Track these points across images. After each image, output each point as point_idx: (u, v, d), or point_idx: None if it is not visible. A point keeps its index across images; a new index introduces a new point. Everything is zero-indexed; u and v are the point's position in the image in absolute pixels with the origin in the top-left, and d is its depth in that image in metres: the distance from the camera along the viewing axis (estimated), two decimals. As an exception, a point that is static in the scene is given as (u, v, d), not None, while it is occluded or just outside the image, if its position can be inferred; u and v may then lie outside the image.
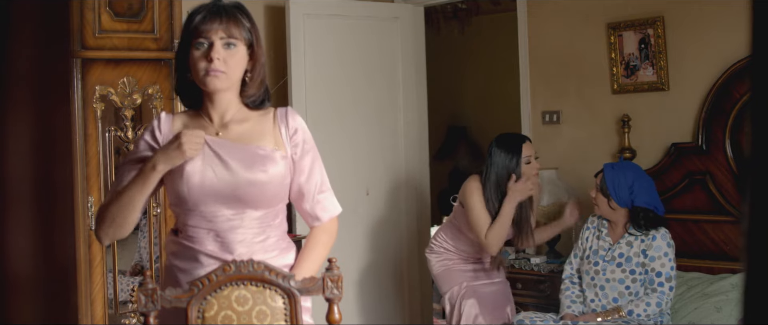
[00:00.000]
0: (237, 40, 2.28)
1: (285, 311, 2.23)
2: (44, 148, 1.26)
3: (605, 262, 3.83)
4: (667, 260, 3.71)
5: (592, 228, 3.98)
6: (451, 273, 4.19)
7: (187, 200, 2.27)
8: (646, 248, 3.74)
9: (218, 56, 2.24)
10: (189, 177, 2.26)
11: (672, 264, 3.72)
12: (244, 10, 2.34)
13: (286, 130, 2.38)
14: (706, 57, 4.25)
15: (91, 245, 3.52)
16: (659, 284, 3.69)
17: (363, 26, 5.22)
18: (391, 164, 5.34)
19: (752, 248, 0.77)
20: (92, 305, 3.52)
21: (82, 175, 3.49)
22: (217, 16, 2.26)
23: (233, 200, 2.27)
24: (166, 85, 3.71)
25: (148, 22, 3.67)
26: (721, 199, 4.17)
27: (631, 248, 3.78)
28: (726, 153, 4.15)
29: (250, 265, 2.19)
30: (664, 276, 3.69)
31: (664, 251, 3.72)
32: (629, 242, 3.80)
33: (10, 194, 1.22)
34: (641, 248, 3.76)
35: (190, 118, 2.40)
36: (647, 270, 3.72)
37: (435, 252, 4.27)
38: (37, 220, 1.24)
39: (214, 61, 2.24)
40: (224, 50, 2.26)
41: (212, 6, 2.29)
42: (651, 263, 3.72)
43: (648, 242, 3.74)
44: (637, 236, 3.79)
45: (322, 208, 2.44)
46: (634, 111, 4.52)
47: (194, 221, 2.30)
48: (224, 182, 2.27)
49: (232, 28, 2.27)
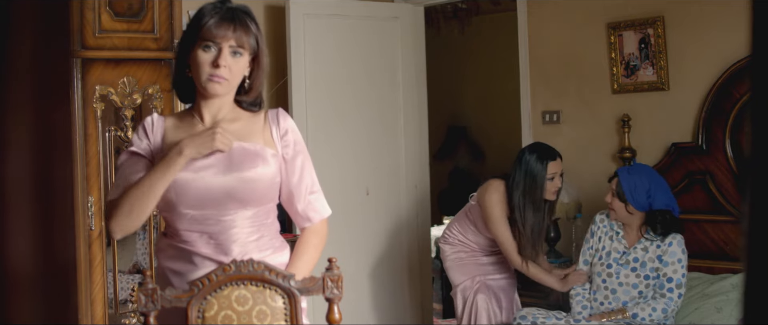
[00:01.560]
0: (244, 50, 2.29)
1: (285, 311, 2.23)
2: (44, 148, 1.26)
3: (619, 265, 3.81)
4: (680, 266, 3.70)
5: (604, 228, 3.94)
6: (464, 266, 4.21)
7: (177, 204, 2.27)
8: (662, 253, 3.73)
9: (225, 64, 2.25)
10: (176, 183, 2.25)
11: (684, 271, 3.71)
12: (253, 16, 2.34)
13: (277, 131, 2.38)
14: (706, 57, 4.25)
15: (91, 245, 3.52)
16: (669, 290, 3.68)
17: (363, 26, 5.22)
18: (392, 164, 5.34)
19: (752, 248, 0.77)
20: (92, 305, 3.51)
21: (82, 175, 3.49)
22: (231, 23, 2.26)
23: (225, 200, 2.27)
24: (166, 84, 3.71)
25: (148, 21, 3.67)
26: (722, 199, 4.17)
27: (647, 253, 3.76)
28: (726, 153, 4.15)
29: (250, 265, 2.19)
30: (675, 283, 3.68)
31: (678, 257, 3.70)
32: (645, 247, 3.78)
33: (11, 194, 1.23)
34: (657, 254, 3.74)
35: (180, 119, 2.41)
36: (659, 275, 3.71)
37: (449, 243, 4.28)
38: (37, 219, 1.24)
39: (220, 68, 2.24)
40: (231, 58, 2.27)
41: (225, 11, 2.29)
42: (664, 268, 3.70)
43: (664, 248, 3.73)
44: (653, 241, 3.76)
45: (313, 209, 2.44)
46: (634, 111, 4.52)
47: (186, 224, 2.29)
48: (215, 183, 2.27)
49: (242, 37, 2.27)
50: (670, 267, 3.69)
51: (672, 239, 3.72)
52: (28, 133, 1.21)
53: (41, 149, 1.25)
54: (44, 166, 1.26)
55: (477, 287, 4.13)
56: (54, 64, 1.28)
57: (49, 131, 1.27)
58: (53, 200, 1.33)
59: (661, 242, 3.74)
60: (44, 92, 1.23)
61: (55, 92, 1.29)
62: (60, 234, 1.29)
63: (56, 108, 1.29)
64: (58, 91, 1.31)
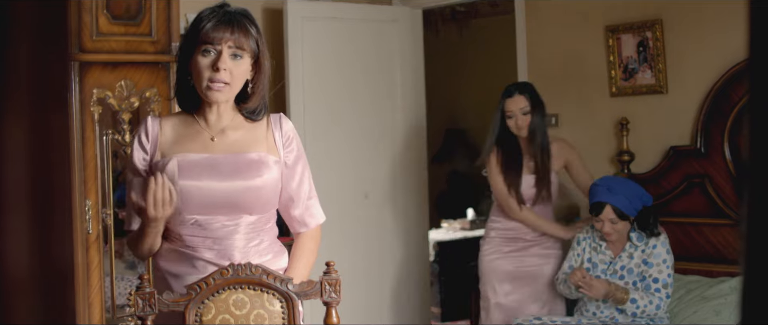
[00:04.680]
0: (244, 52, 2.26)
1: (283, 315, 2.23)
2: (42, 151, 1.26)
3: (607, 276, 3.81)
4: (665, 267, 3.70)
5: (586, 241, 3.95)
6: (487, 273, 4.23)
7: (181, 211, 2.26)
8: (647, 256, 3.73)
9: (225, 67, 2.22)
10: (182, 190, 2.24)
11: (669, 271, 3.71)
12: (252, 18, 2.32)
13: (280, 136, 2.38)
14: (705, 60, 4.25)
15: (88, 248, 3.52)
16: (656, 290, 3.68)
17: (361, 29, 5.22)
18: (390, 167, 5.33)
19: (751, 251, 0.77)
20: (89, 309, 3.51)
21: (79, 178, 3.48)
22: (229, 24, 2.24)
23: (230, 207, 2.27)
24: (163, 88, 3.70)
25: (145, 25, 3.66)
26: (720, 202, 4.17)
27: (632, 259, 3.77)
28: (724, 156, 4.15)
29: (247, 268, 2.18)
30: (661, 283, 3.68)
31: (663, 258, 3.71)
32: (630, 254, 3.78)
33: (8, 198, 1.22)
34: (642, 258, 3.74)
35: (181, 122, 2.37)
36: (645, 277, 3.71)
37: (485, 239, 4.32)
38: (35, 223, 1.25)
39: (220, 71, 2.22)
40: (231, 61, 2.24)
41: (223, 13, 2.26)
42: (649, 270, 3.70)
43: (648, 251, 3.73)
44: (637, 247, 3.77)
45: (311, 214, 2.46)
46: (632, 114, 4.52)
47: (189, 230, 2.28)
48: (220, 191, 2.26)
49: (241, 39, 2.25)
50: (655, 268, 3.70)
51: (656, 241, 3.73)
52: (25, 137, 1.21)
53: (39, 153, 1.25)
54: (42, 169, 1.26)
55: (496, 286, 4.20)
56: (51, 68, 1.28)
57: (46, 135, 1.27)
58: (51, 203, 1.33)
59: (646, 246, 3.74)
60: (42, 96, 1.23)
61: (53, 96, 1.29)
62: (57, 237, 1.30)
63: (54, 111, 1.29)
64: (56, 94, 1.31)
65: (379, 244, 5.27)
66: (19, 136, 1.25)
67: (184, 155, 2.28)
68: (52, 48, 1.25)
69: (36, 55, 1.24)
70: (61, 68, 2.85)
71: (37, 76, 1.23)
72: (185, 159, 2.28)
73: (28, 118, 1.27)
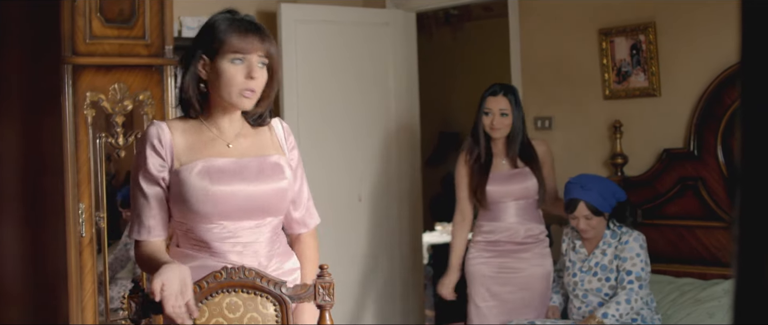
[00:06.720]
0: (268, 60, 2.26)
1: (276, 318, 2.23)
2: (35, 155, 1.26)
3: (583, 273, 3.84)
4: (639, 260, 3.72)
5: (567, 240, 3.99)
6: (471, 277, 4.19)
7: (212, 217, 2.22)
8: (619, 252, 3.76)
9: (257, 75, 2.21)
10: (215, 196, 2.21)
11: (643, 265, 3.71)
12: None
13: (284, 140, 2.41)
14: (698, 63, 4.26)
15: (81, 252, 3.51)
16: (629, 282, 3.69)
17: (355, 32, 5.22)
18: (383, 170, 5.33)
19: (743, 254, 0.77)
20: (83, 312, 3.50)
21: (73, 182, 3.47)
22: (257, 33, 2.23)
23: (258, 210, 2.26)
24: (157, 91, 3.70)
25: (139, 28, 3.66)
26: (713, 204, 4.17)
27: (606, 256, 3.79)
28: (718, 159, 4.16)
29: (241, 272, 2.18)
30: (634, 275, 3.69)
31: (637, 252, 3.73)
32: (603, 250, 3.81)
33: (1, 200, 1.22)
34: (615, 254, 3.77)
35: (189, 129, 2.31)
36: (620, 271, 3.74)
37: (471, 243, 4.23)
38: (28, 227, 1.24)
39: (254, 80, 2.21)
40: (259, 69, 2.23)
41: (248, 22, 2.25)
42: (623, 264, 3.73)
43: (621, 247, 3.76)
44: (610, 244, 3.79)
45: (310, 215, 2.50)
46: (625, 117, 4.53)
47: (217, 236, 2.24)
48: (250, 195, 2.24)
49: (270, 48, 2.25)
50: (628, 262, 3.72)
51: (629, 237, 3.75)
52: (18, 141, 1.21)
53: (32, 156, 1.24)
54: (35, 173, 1.25)
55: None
56: (44, 71, 1.27)
57: (39, 138, 1.27)
58: (44, 206, 1.32)
59: (619, 242, 3.77)
60: (35, 99, 1.22)
61: (46, 99, 1.29)
62: (51, 241, 1.29)
63: (47, 115, 1.29)
64: (49, 98, 1.30)
65: (373, 247, 5.27)
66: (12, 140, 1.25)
67: (210, 160, 2.24)
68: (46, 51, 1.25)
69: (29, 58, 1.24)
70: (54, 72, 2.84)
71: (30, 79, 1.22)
72: (212, 165, 2.24)
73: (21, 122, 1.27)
